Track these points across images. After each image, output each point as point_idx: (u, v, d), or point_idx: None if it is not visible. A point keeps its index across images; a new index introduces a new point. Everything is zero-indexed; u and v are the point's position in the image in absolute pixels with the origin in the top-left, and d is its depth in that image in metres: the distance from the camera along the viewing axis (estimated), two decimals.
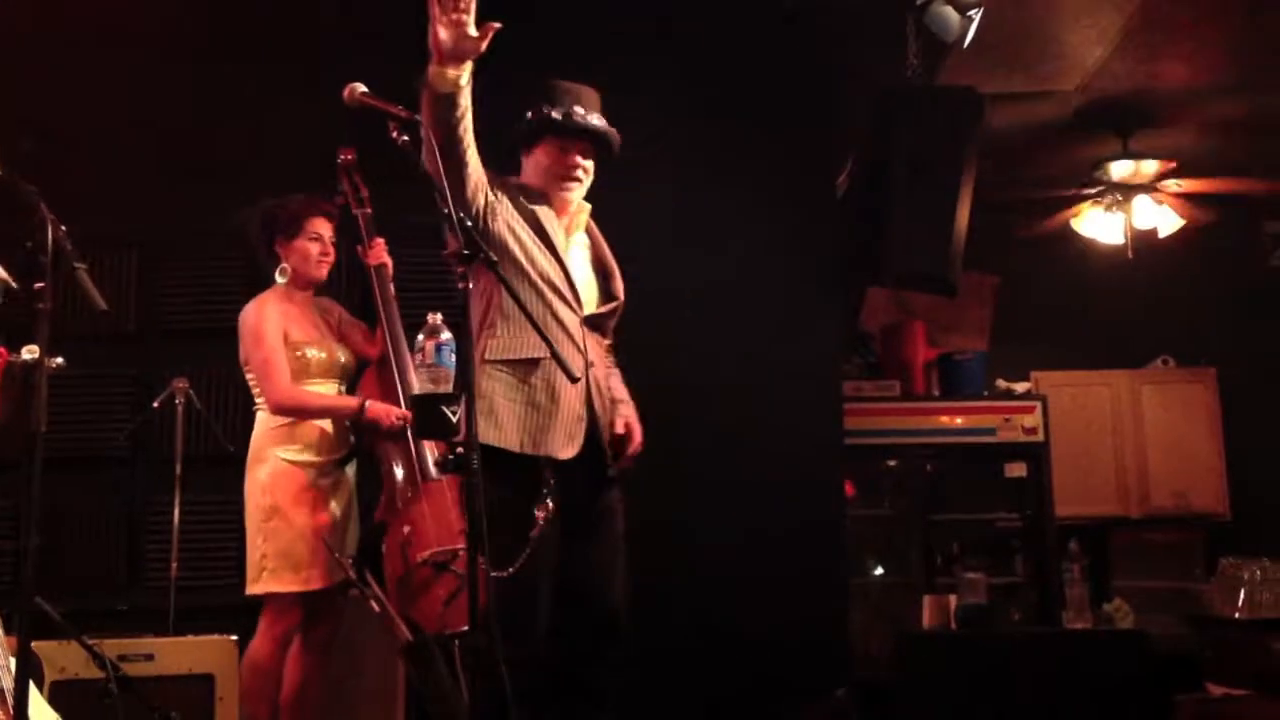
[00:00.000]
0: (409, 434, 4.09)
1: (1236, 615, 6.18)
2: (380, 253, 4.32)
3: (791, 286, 5.22)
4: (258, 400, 4.17)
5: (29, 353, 2.49)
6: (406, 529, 4.08)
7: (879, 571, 6.99)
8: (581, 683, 3.65)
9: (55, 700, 3.59)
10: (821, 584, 5.09)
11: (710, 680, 4.83)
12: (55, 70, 4.73)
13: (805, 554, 5.03)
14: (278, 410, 4.10)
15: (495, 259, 3.07)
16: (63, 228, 2.55)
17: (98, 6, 4.99)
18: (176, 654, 4.04)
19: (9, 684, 3.20)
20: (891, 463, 6.99)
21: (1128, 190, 6.70)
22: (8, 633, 3.31)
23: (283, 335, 4.12)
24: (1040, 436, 6.78)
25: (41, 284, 2.48)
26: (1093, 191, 6.79)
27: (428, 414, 3.01)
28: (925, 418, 6.85)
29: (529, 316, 3.23)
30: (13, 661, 3.16)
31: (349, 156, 4.29)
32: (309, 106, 3.57)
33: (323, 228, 4.24)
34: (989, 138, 5.40)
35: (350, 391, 4.26)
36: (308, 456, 4.12)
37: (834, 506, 5.36)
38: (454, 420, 2.94)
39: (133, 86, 5.10)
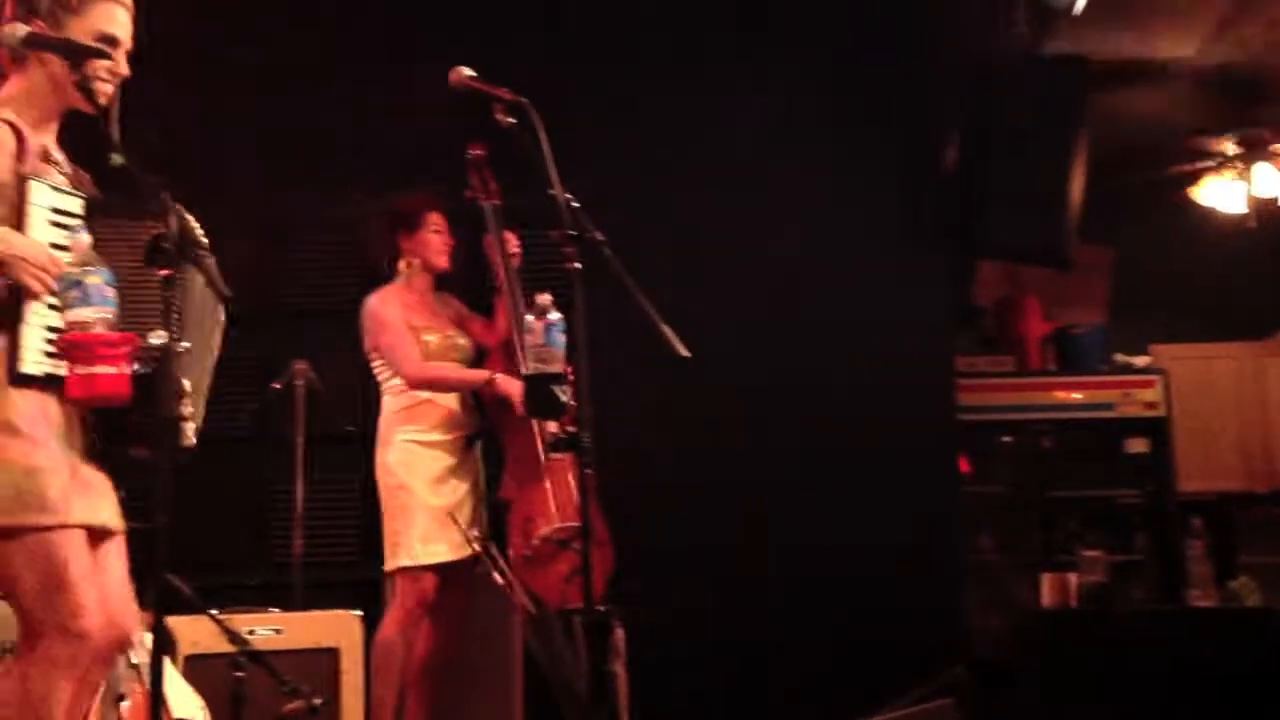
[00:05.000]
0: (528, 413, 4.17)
1: None
2: (514, 244, 4.40)
3: (901, 262, 5.18)
4: (384, 385, 4.30)
5: (157, 338, 2.57)
6: (529, 506, 4.18)
7: (995, 549, 6.89)
8: None
9: (189, 673, 3.73)
10: (937, 562, 5.07)
11: (826, 659, 4.83)
12: (178, 61, 4.87)
13: (920, 532, 5.00)
14: (415, 385, 4.23)
15: (603, 239, 3.10)
16: (187, 216, 2.63)
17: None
18: (303, 628, 4.17)
19: (144, 659, 3.32)
20: (1007, 439, 6.88)
21: (1249, 158, 6.52)
22: (142, 609, 3.44)
23: (405, 323, 4.25)
24: (1161, 411, 6.62)
25: (168, 271, 2.56)
26: (1213, 160, 6.61)
27: (537, 393, 3.06)
28: (1041, 393, 6.73)
29: None
30: (148, 637, 3.29)
31: (479, 151, 4.36)
32: (429, 94, 3.62)
33: (441, 220, 4.37)
34: (1102, 107, 5.29)
35: None
36: (434, 436, 4.25)
37: (949, 484, 5.33)
38: (563, 400, 2.98)
39: (258, 75, 5.23)
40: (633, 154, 5.09)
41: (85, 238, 2.56)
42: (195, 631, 3.89)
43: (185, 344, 2.59)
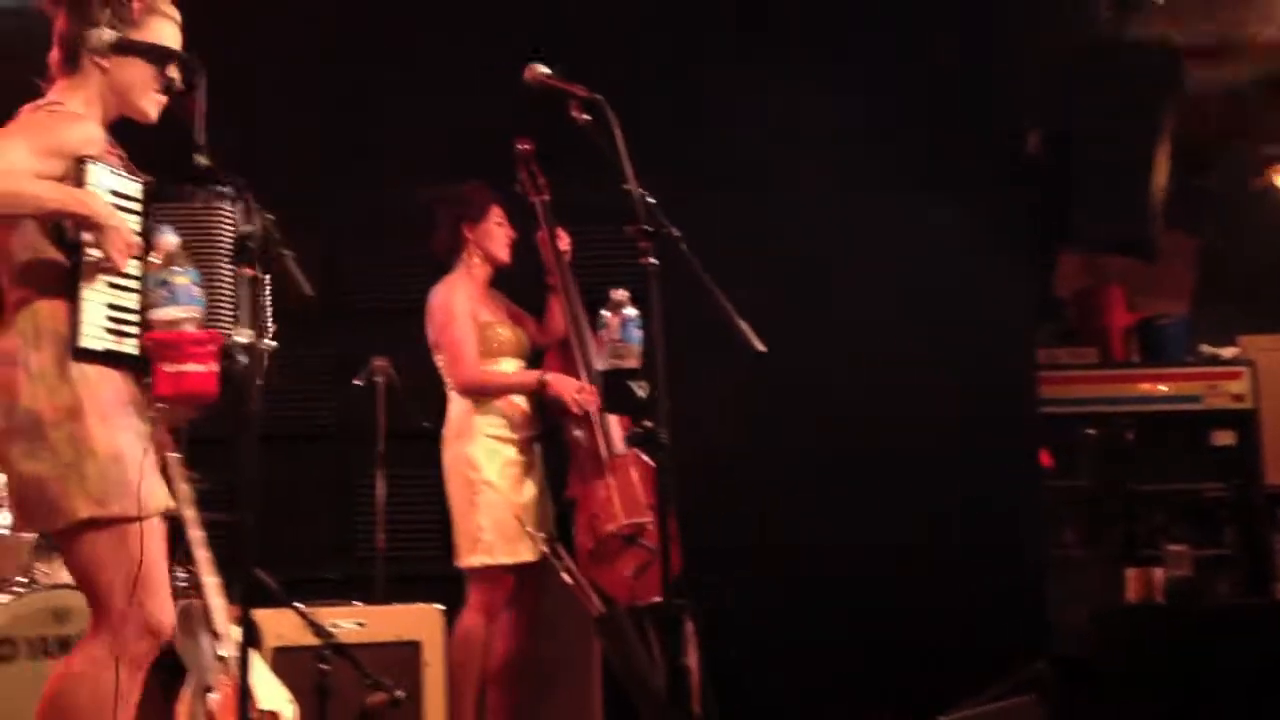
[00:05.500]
0: (593, 409, 4.17)
1: None
2: (565, 240, 4.40)
3: (981, 254, 5.12)
4: (450, 380, 4.32)
5: (243, 336, 2.61)
6: (593, 504, 4.18)
7: (1079, 544, 6.80)
8: None
9: (275, 666, 3.79)
10: (1019, 556, 5.02)
11: (907, 654, 4.80)
12: (252, 63, 4.95)
13: (1001, 526, 4.96)
14: (464, 391, 4.23)
15: (679, 234, 3.09)
16: (269, 216, 2.67)
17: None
18: (385, 622, 4.22)
19: (232, 651, 3.39)
20: (1090, 432, 6.78)
21: None
22: (229, 602, 3.51)
23: (472, 316, 4.25)
24: (1249, 403, 6.48)
25: (252, 270, 2.61)
26: None
27: (614, 389, 3.06)
28: (1125, 385, 6.62)
29: None
30: (236, 630, 3.35)
31: (527, 146, 4.37)
32: (488, 91, 3.66)
33: (502, 213, 4.38)
34: (1186, 93, 5.19)
35: None
36: (510, 432, 4.25)
37: (1031, 478, 5.27)
38: (640, 395, 2.98)
39: (329, 74, 5.30)
40: (711, 151, 5.08)
41: (172, 238, 2.61)
42: (281, 625, 3.95)
43: (271, 342, 2.63)
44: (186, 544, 3.60)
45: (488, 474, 4.19)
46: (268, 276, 2.73)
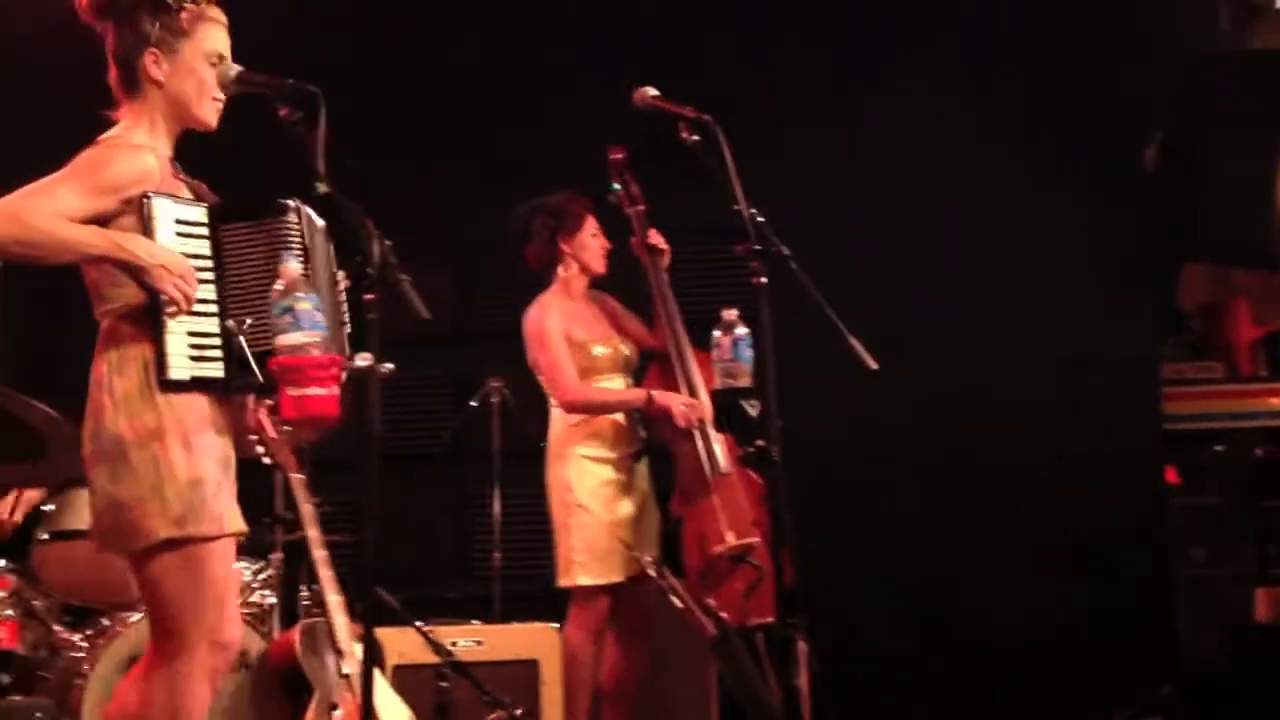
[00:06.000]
0: (699, 427, 4.16)
1: None
2: (659, 238, 4.35)
3: (1102, 267, 5.05)
4: (552, 399, 4.33)
5: (362, 360, 2.67)
6: (700, 523, 4.16)
7: (1207, 563, 6.62)
8: None
9: (396, 683, 3.84)
10: (1144, 576, 4.91)
11: (1030, 676, 4.73)
12: (369, 90, 5.07)
13: (1126, 545, 4.86)
14: (569, 410, 4.23)
15: (789, 252, 3.09)
16: (386, 241, 2.73)
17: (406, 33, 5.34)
18: (503, 640, 4.27)
19: (355, 669, 3.46)
20: (1218, 448, 6.60)
21: None
22: (351, 620, 3.58)
23: (566, 336, 4.25)
24: None
25: (370, 296, 2.66)
26: None
27: (726, 408, 3.07)
28: (1254, 400, 6.42)
29: None
30: (358, 648, 3.41)
31: (620, 155, 4.35)
32: (603, 111, 3.70)
33: (597, 224, 4.35)
34: None
35: (636, 386, 4.36)
36: (605, 452, 4.24)
37: (1156, 495, 5.15)
38: (752, 414, 2.98)
39: (444, 99, 5.41)
40: (825, 162, 5.08)
41: (295, 265, 2.68)
42: (402, 643, 4.02)
43: (389, 365, 2.68)
44: (310, 563, 3.68)
45: (580, 495, 4.18)
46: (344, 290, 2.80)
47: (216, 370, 2.70)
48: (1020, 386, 4.92)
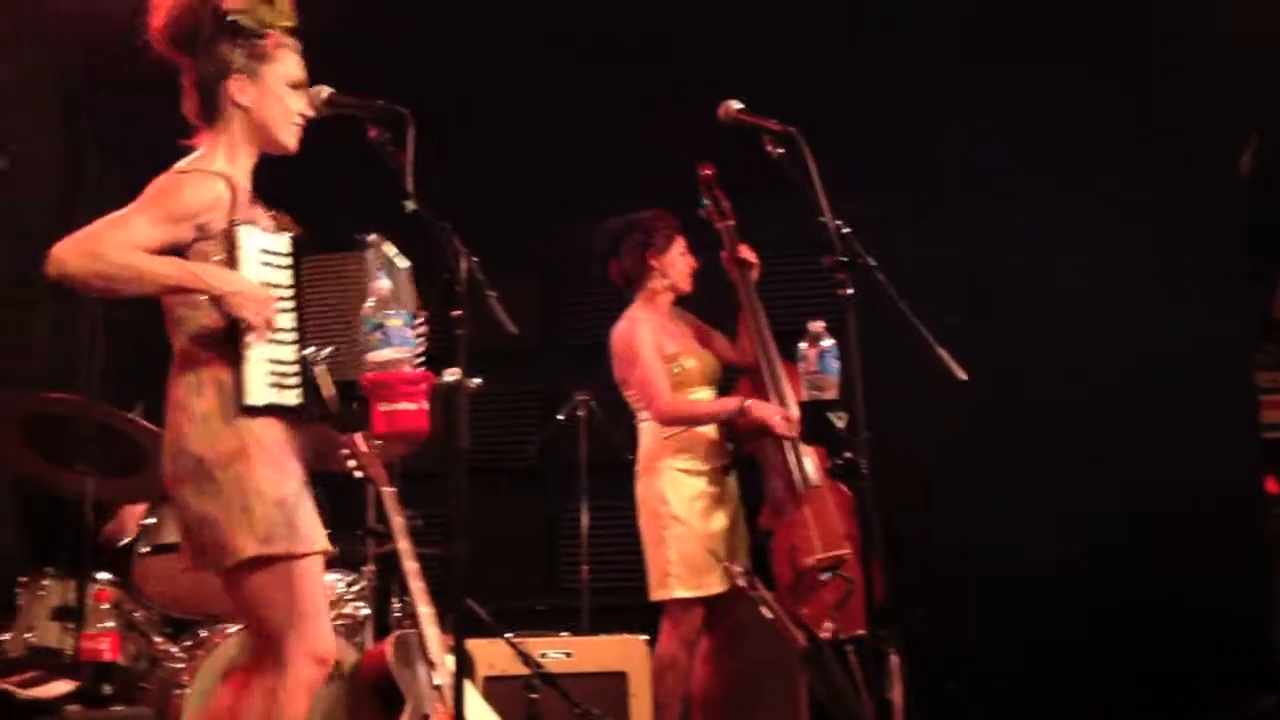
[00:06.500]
0: (788, 439, 4.15)
1: None
2: (750, 252, 4.37)
3: (1196, 275, 4.96)
4: (640, 414, 4.35)
5: (451, 375, 2.70)
6: (790, 535, 4.16)
7: None
8: None
9: (487, 694, 3.88)
10: (1242, 587, 4.81)
11: (1126, 688, 4.68)
12: (458, 105, 5.14)
13: (1226, 557, 4.76)
14: (665, 422, 4.23)
15: (875, 264, 3.08)
16: (474, 258, 2.76)
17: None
18: (592, 652, 4.29)
19: (446, 680, 3.49)
20: None
21: None
22: (442, 632, 3.62)
23: (658, 349, 4.28)
24: None
25: (459, 312, 2.70)
26: None
27: (813, 420, 3.06)
28: None
29: None
30: (449, 659, 3.46)
31: (709, 171, 4.37)
32: (691, 126, 3.71)
33: (685, 243, 4.38)
34: None
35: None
36: (697, 464, 4.25)
37: (1254, 504, 5.04)
38: (839, 426, 2.97)
39: (533, 114, 5.46)
40: (915, 173, 5.06)
41: (385, 284, 2.73)
42: (492, 654, 4.06)
43: (477, 380, 2.72)
44: (402, 575, 3.72)
45: (675, 507, 4.20)
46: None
47: (294, 398, 2.74)
48: (1114, 398, 4.86)
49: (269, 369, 2.72)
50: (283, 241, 2.81)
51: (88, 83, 5.42)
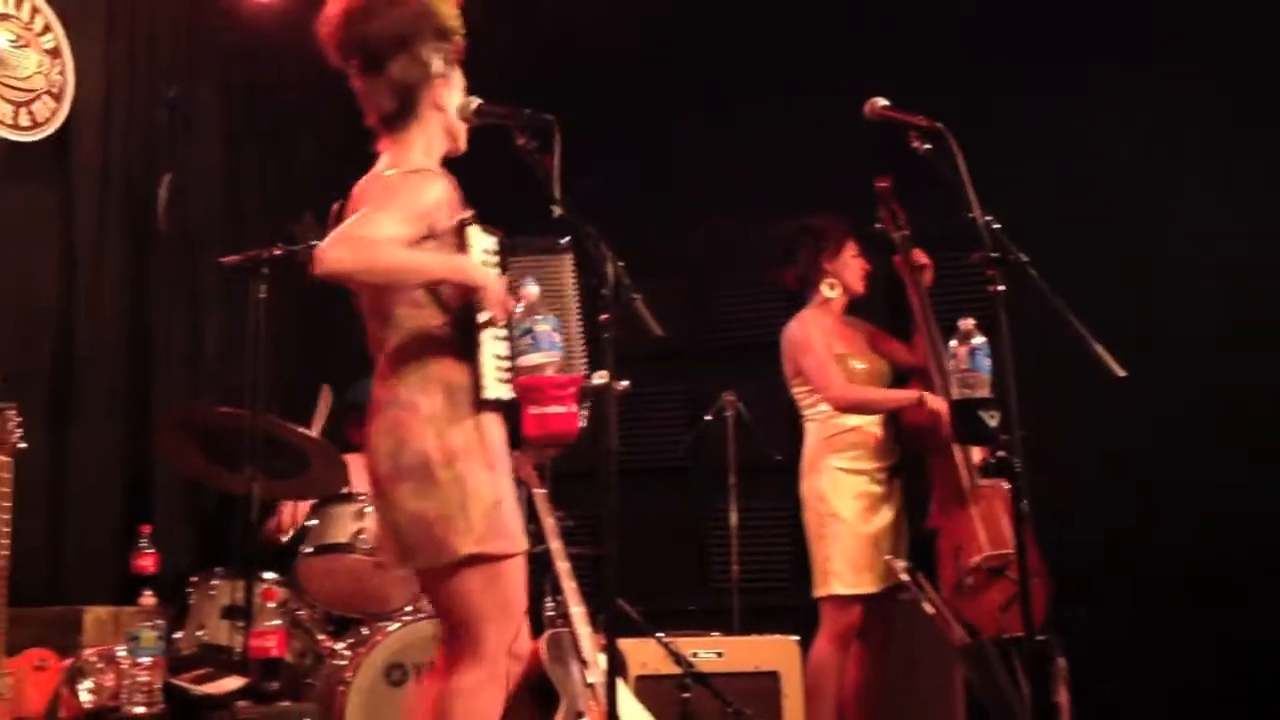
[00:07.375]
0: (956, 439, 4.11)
1: None
2: (924, 256, 4.38)
3: None
4: (806, 412, 4.37)
5: (599, 378, 2.73)
6: (957, 534, 4.14)
7: None
8: None
9: (639, 693, 3.92)
10: None
11: (1243, 689, 4.54)
12: (606, 108, 5.20)
13: None
14: (841, 408, 4.27)
15: (1026, 259, 3.02)
16: (620, 263, 2.79)
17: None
18: (743, 652, 4.30)
19: (599, 678, 3.53)
20: None
21: None
22: (594, 631, 3.66)
23: (827, 348, 4.30)
24: None
25: (606, 316, 2.73)
26: None
27: (964, 419, 3.02)
28: None
29: None
30: (602, 658, 3.49)
31: (886, 184, 4.38)
32: (839, 126, 3.70)
33: (856, 246, 4.42)
34: None
35: None
36: (861, 464, 4.27)
37: None
38: (991, 424, 2.93)
39: (683, 116, 5.48)
40: (1058, 170, 4.98)
41: (534, 289, 2.77)
42: (643, 653, 4.09)
43: (625, 382, 2.74)
44: (554, 575, 3.78)
45: (835, 506, 4.23)
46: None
47: (508, 392, 2.78)
48: (1265, 393, 4.68)
49: (496, 364, 2.77)
50: (495, 241, 2.87)
51: (249, 106, 5.63)
